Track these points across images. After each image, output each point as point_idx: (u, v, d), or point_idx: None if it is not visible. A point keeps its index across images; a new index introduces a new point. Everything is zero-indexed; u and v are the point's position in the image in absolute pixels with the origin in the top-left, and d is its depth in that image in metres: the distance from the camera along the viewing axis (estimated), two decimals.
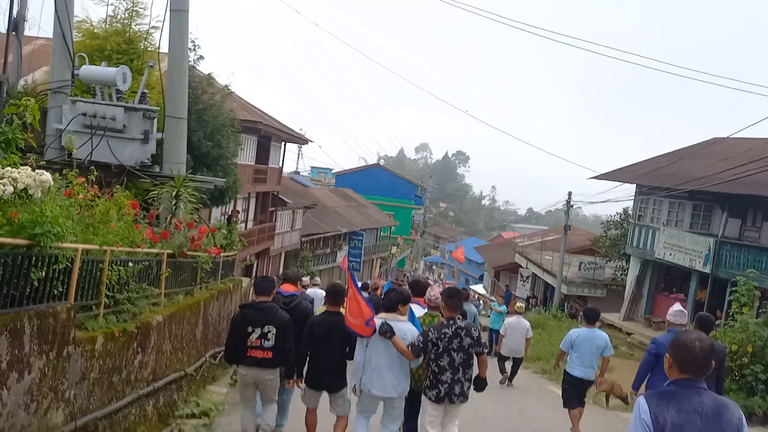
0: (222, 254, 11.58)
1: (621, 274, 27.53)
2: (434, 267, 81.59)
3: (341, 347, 6.37)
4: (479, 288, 46.95)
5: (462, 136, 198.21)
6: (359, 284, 16.12)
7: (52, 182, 4.59)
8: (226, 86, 16.74)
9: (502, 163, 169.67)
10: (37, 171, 4.48)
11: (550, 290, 34.45)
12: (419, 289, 7.54)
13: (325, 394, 6.59)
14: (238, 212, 25.65)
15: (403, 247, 58.93)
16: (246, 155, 24.77)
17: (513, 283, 37.98)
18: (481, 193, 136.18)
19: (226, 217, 24.45)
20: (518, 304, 14.85)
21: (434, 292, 7.12)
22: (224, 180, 12.30)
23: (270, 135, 27.09)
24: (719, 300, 20.17)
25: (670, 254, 21.72)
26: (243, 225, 26.56)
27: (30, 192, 4.39)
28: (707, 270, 19.85)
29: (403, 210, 60.97)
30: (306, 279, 15.78)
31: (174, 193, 8.36)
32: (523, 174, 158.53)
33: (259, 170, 26.87)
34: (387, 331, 5.91)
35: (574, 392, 8.64)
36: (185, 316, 8.40)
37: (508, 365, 13.51)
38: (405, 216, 61.16)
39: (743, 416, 3.21)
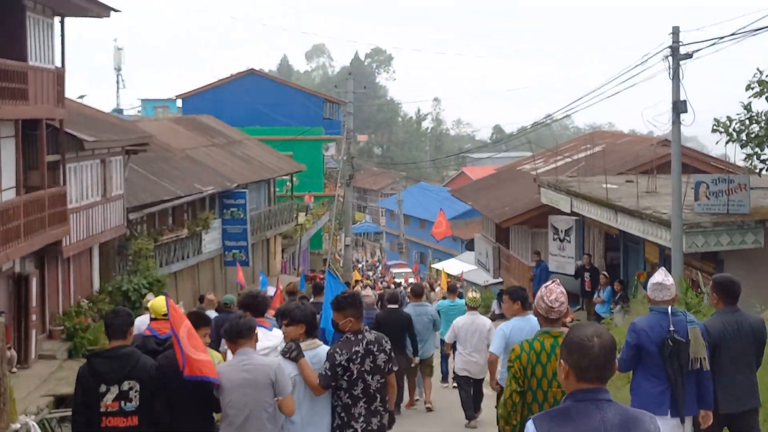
0: None
1: None
2: (365, 241, 60.52)
3: (205, 399, 5.26)
4: (462, 263, 31.93)
5: (375, 32, 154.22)
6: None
7: None
8: None
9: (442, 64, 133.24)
10: None
11: (627, 250, 18.54)
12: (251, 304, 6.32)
13: None
14: None
15: (316, 210, 36.31)
16: None
17: (540, 244, 22.64)
18: (419, 111, 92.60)
19: None
20: (470, 294, 10.72)
21: (553, 295, 4.59)
22: None
23: None
24: None
25: None
26: None
27: None
28: None
29: (307, 145, 38.14)
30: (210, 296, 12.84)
31: None
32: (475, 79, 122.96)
33: (5, 71, 14.15)
34: (293, 350, 5.09)
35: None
36: None
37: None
38: (312, 154, 38.64)
39: (660, 429, 2.93)
